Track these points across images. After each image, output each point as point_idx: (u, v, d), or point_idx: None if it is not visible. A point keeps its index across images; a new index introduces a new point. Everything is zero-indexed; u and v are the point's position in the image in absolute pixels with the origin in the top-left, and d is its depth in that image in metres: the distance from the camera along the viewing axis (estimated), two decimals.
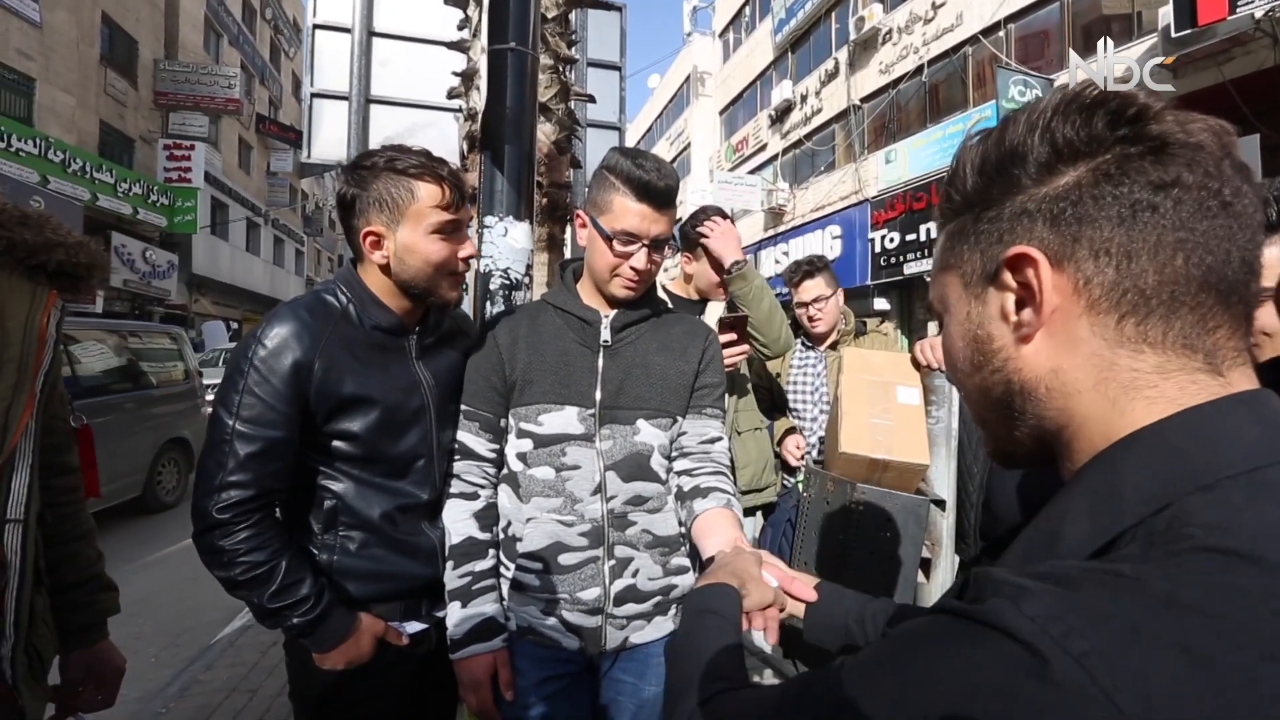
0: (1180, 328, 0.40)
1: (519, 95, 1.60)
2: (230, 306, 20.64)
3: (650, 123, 27.78)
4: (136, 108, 15.90)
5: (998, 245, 0.44)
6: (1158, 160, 0.39)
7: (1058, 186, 0.42)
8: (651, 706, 1.19)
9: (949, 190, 0.50)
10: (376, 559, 1.12)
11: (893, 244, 12.45)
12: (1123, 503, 0.37)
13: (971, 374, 0.49)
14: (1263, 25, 7.39)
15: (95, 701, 1.10)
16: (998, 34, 11.12)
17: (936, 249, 0.52)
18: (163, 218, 15.37)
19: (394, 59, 3.44)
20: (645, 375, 1.17)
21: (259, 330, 1.06)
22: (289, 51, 26.40)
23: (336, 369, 1.07)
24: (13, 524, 0.87)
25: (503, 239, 1.59)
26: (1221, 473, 0.35)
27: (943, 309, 0.51)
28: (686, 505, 1.17)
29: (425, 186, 1.09)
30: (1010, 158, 0.44)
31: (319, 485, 1.11)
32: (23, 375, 0.89)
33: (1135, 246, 0.39)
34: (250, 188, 21.75)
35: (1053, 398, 0.44)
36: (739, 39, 20.04)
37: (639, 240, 1.11)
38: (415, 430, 1.15)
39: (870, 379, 1.67)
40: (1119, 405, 0.41)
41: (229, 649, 3.04)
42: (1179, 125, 0.40)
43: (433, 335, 1.23)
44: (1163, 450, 0.38)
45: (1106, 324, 0.41)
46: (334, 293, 1.15)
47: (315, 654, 1.07)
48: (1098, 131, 0.41)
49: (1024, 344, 0.44)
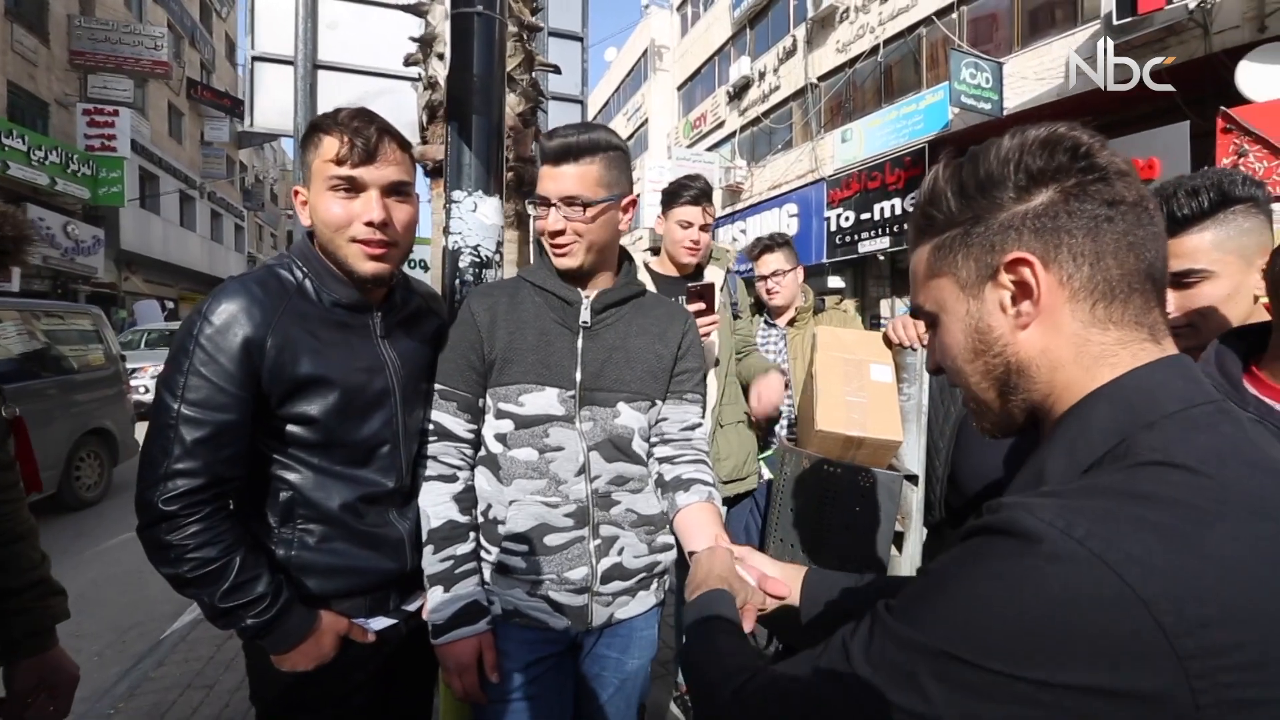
0: (1133, 309, 0.53)
1: (487, 62, 1.52)
2: (165, 285, 19.49)
3: (607, 97, 27.29)
4: (49, 68, 14.64)
5: (992, 253, 0.55)
6: (1107, 184, 0.52)
7: (1036, 205, 0.54)
8: (634, 680, 1.20)
9: (928, 210, 0.60)
10: (338, 553, 1.05)
11: (848, 223, 12.68)
12: (1090, 442, 0.51)
13: (973, 360, 0.59)
14: (1195, 16, 7.74)
15: (48, 712, 1.02)
16: (950, 16, 11.32)
17: (921, 261, 0.62)
18: (85, 189, 14.31)
19: (343, 21, 3.24)
20: (625, 358, 1.15)
21: (204, 306, 0.98)
22: (221, 11, 24.70)
23: (291, 347, 0.99)
24: None
25: (472, 214, 1.52)
26: (1159, 414, 0.49)
27: (938, 309, 0.61)
28: (668, 497, 1.17)
29: (327, 139, 1.01)
30: (990, 183, 0.55)
31: (274, 475, 1.03)
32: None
33: (1102, 249, 0.52)
34: (183, 158, 20.43)
35: (1042, 372, 0.55)
36: (697, 13, 19.79)
37: (547, 201, 1.12)
38: (379, 414, 1.08)
39: (844, 357, 1.69)
40: (1090, 372, 0.53)
41: (181, 644, 2.92)
42: (1113, 157, 0.53)
43: (399, 314, 1.15)
44: (1118, 401, 0.51)
45: (1083, 310, 0.53)
46: (288, 267, 1.07)
47: (273, 656, 1.01)
48: (1061, 162, 0.53)
49: (1021, 330, 0.55)
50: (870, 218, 12.13)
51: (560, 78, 3.57)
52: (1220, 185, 0.98)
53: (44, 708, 1.02)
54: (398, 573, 1.12)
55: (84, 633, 3.12)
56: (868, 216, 12.20)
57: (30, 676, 1.00)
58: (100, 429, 5.39)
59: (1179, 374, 0.51)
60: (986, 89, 9.72)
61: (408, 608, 1.17)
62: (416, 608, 1.17)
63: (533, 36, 2.51)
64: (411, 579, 1.14)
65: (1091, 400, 0.52)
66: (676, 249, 2.04)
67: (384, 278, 1.08)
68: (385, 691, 1.17)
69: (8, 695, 0.99)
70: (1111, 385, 0.51)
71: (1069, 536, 0.42)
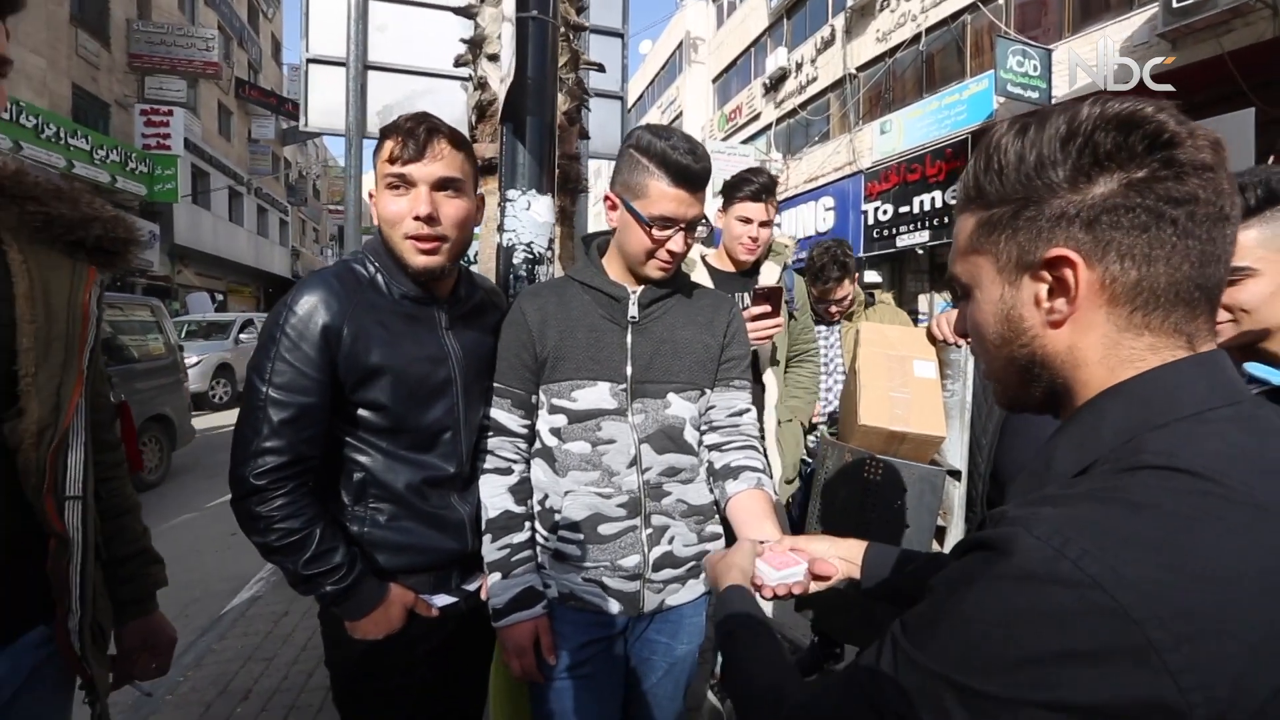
0: (1176, 318, 0.50)
1: (540, 65, 1.57)
2: (214, 278, 20.29)
3: (642, 90, 27.25)
4: (110, 70, 15.33)
5: (1038, 242, 0.52)
6: (1180, 180, 0.48)
7: (1095, 195, 0.49)
8: (682, 664, 1.25)
9: (980, 179, 0.56)
10: (406, 531, 1.13)
11: (886, 216, 12.44)
12: (1100, 438, 0.50)
13: (1001, 346, 0.57)
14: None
15: (151, 670, 1.12)
16: (997, 1, 10.97)
17: (965, 230, 0.58)
18: (142, 186, 14.97)
19: (392, 23, 3.34)
20: (673, 350, 1.19)
21: (290, 297, 1.07)
22: (268, 13, 25.47)
23: (364, 336, 1.07)
24: (72, 500, 0.88)
25: (525, 213, 1.58)
26: (1174, 415, 0.48)
27: (972, 284, 0.59)
28: (719, 485, 1.20)
29: (387, 142, 1.08)
30: (1050, 161, 0.51)
31: (348, 457, 1.12)
32: (70, 353, 0.89)
33: (1155, 253, 0.49)
34: (231, 155, 21.18)
35: (1066, 368, 0.54)
36: (733, 4, 19.59)
37: (676, 224, 1.11)
38: (441, 402, 1.15)
39: (888, 353, 1.69)
40: (1115, 372, 0.52)
41: (240, 619, 3.08)
42: (1196, 148, 0.48)
43: (463, 307, 1.21)
44: (1134, 399, 0.50)
45: (1120, 314, 0.51)
46: (362, 262, 1.14)
47: (347, 622, 1.09)
48: (1135, 148, 0.48)
49: (1051, 330, 0.53)
50: (909, 211, 11.89)
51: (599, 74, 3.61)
52: (1269, 183, 0.98)
53: (147, 664, 1.12)
54: (460, 553, 1.18)
55: None
56: (906, 210, 11.95)
57: (135, 637, 1.10)
58: (160, 415, 5.67)
59: (1205, 374, 0.49)
60: (1034, 77, 9.41)
61: (468, 587, 1.22)
62: (476, 588, 1.23)
63: (578, 35, 2.55)
64: (472, 560, 1.20)
65: (1109, 395, 0.51)
66: (734, 245, 1.97)
67: (434, 271, 1.11)
68: (445, 666, 1.24)
69: (118, 653, 1.09)
70: (1131, 382, 0.50)
71: (1063, 557, 0.42)
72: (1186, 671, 0.39)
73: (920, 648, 0.49)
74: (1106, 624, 0.40)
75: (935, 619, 0.49)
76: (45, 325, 0.86)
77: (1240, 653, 0.39)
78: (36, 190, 0.89)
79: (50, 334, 0.86)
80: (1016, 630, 0.43)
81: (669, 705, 1.26)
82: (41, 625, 0.90)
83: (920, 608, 0.52)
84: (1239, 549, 0.41)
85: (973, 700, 0.45)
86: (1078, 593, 0.41)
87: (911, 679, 0.49)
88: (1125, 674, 0.40)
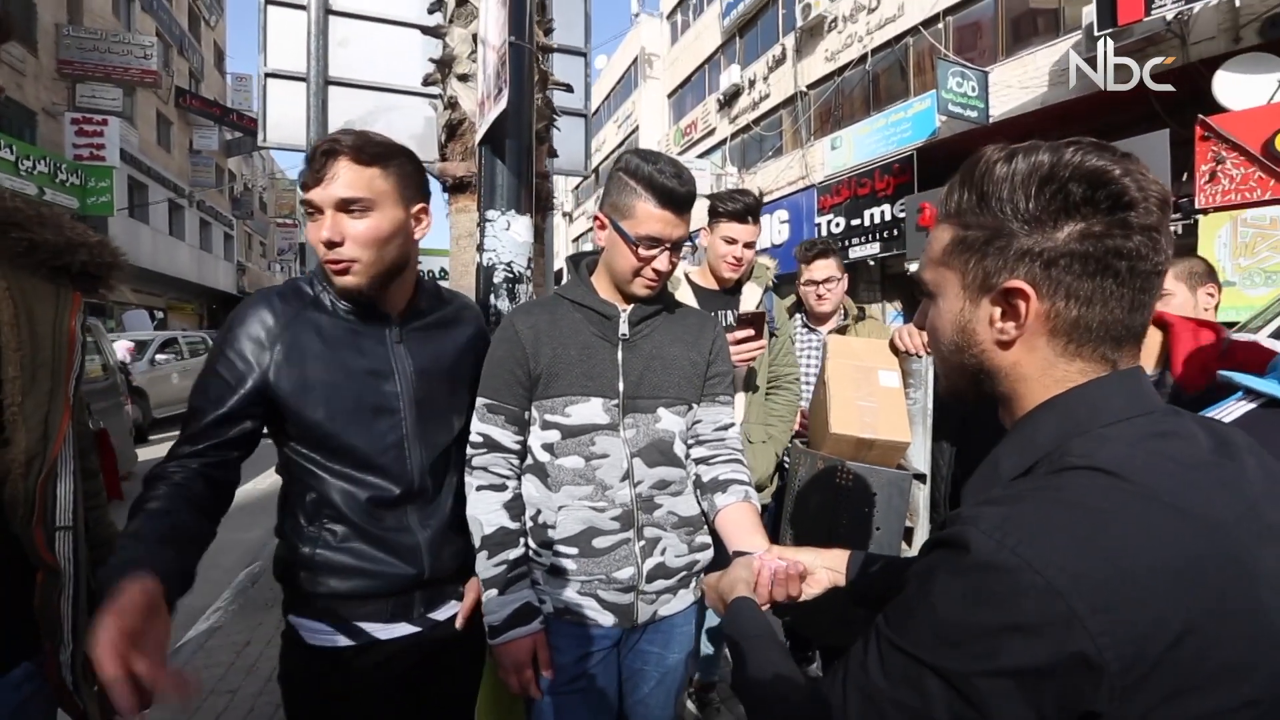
0: (1103, 350, 0.60)
1: (518, 89, 1.61)
2: (153, 294, 19.35)
3: (598, 104, 27.46)
4: (37, 77, 14.56)
5: (1001, 272, 0.60)
6: (1127, 236, 0.56)
7: (1057, 239, 0.57)
8: (674, 673, 1.28)
9: (962, 200, 0.63)
10: (355, 553, 1.10)
11: (839, 229, 12.85)
12: (1036, 445, 0.60)
13: (954, 352, 0.67)
14: (1173, 27, 7.99)
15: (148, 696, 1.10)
16: (937, 25, 11.55)
17: (940, 240, 0.66)
18: (74, 199, 14.19)
19: (354, 38, 3.31)
20: (663, 366, 1.23)
21: (232, 315, 1.09)
22: (210, 20, 24.62)
23: (297, 352, 1.06)
24: (62, 531, 0.86)
25: (505, 233, 1.61)
26: (1095, 425, 0.58)
27: (937, 291, 0.67)
28: (707, 498, 1.25)
29: None
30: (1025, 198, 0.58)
31: (300, 477, 1.11)
32: (56, 381, 0.88)
33: (1095, 297, 0.57)
34: (172, 167, 20.31)
35: (1008, 380, 0.64)
36: (687, 21, 20.00)
37: (662, 244, 1.16)
38: (385, 420, 1.11)
39: (854, 364, 1.79)
40: (1049, 389, 0.61)
41: (199, 651, 2.96)
42: (1148, 211, 0.56)
43: (420, 321, 1.19)
44: (1063, 412, 0.60)
45: (1058, 343, 0.60)
46: (310, 281, 1.15)
47: None
48: (1098, 204, 0.56)
49: (1000, 349, 0.63)
50: (860, 224, 12.31)
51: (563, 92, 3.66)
52: None
53: None
54: (415, 578, 1.13)
55: None
56: (858, 223, 12.38)
57: None
58: None
59: (1124, 389, 0.59)
60: (973, 97, 9.94)
61: (435, 616, 1.18)
62: (449, 617, 1.20)
63: (545, 56, 2.60)
64: (438, 587, 1.17)
65: (1044, 408, 0.61)
66: (719, 263, 1.98)
67: (353, 292, 1.09)
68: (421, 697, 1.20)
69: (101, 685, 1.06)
70: (1062, 396, 0.60)
71: (1004, 546, 0.50)
72: (1103, 634, 0.47)
73: (900, 635, 0.56)
74: (1039, 599, 0.49)
75: (910, 609, 0.57)
76: (31, 352, 0.85)
77: (1143, 618, 0.48)
78: (17, 216, 0.88)
79: (36, 361, 0.85)
80: (970, 610, 0.51)
81: (661, 714, 1.29)
82: (25, 662, 0.88)
83: (897, 600, 0.59)
84: (1142, 535, 0.50)
85: (945, 677, 0.52)
86: (1015, 575, 0.50)
87: (896, 663, 0.56)
88: (1055, 639, 0.48)
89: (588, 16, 4.03)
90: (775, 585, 0.92)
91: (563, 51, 3.79)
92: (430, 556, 1.14)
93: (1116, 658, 0.47)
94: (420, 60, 2.89)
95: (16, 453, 0.82)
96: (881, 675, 0.57)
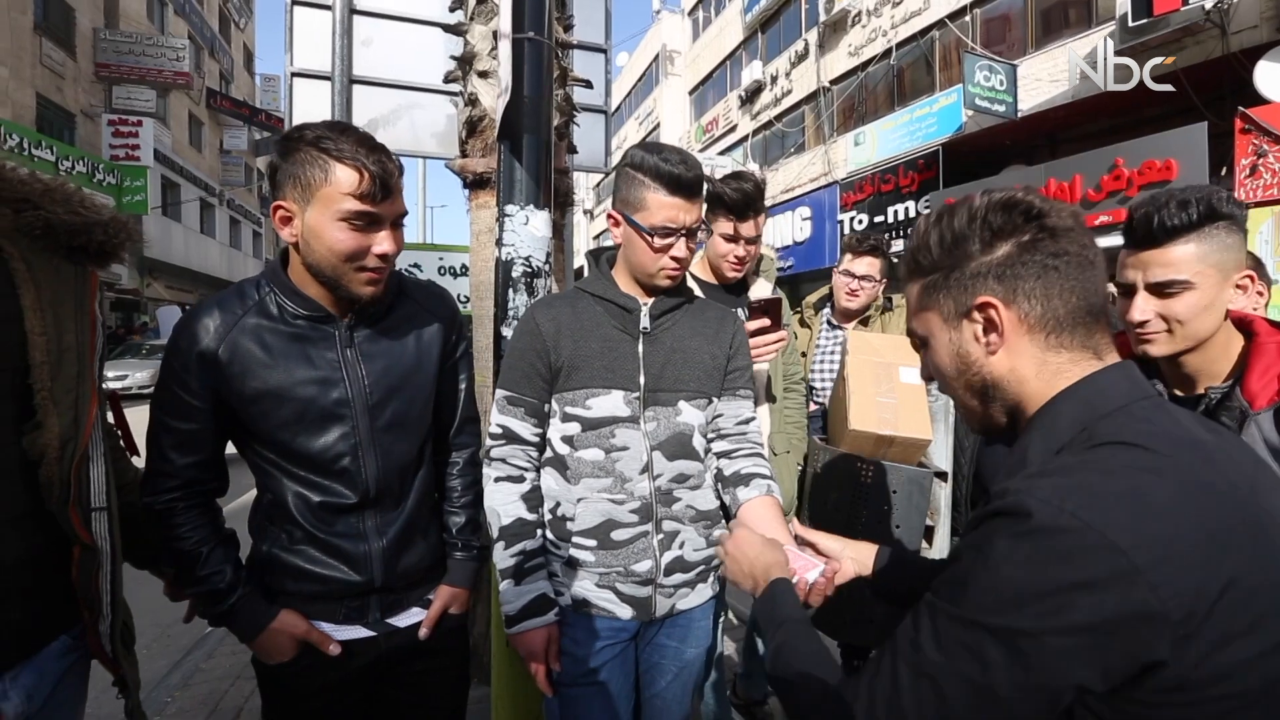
0: (1079, 336, 0.68)
1: (536, 84, 1.61)
2: (185, 291, 19.86)
3: (619, 101, 27.47)
4: (76, 80, 15.03)
5: (966, 294, 0.71)
6: (1054, 239, 0.67)
7: (998, 256, 0.69)
8: (691, 667, 1.28)
9: (916, 255, 0.76)
10: (304, 556, 1.10)
11: (861, 225, 12.69)
12: (1059, 430, 0.67)
13: (958, 377, 0.75)
14: (1211, 16, 7.73)
15: None
16: (964, 19, 11.33)
17: (913, 295, 0.78)
18: (110, 198, 14.62)
19: (377, 38, 3.36)
20: (684, 359, 1.23)
21: (178, 324, 1.07)
22: (239, 22, 25.17)
23: (240, 360, 1.04)
24: (98, 511, 0.89)
25: (524, 227, 1.61)
26: (1111, 407, 0.65)
27: (928, 334, 0.76)
28: (730, 491, 1.24)
29: (342, 169, 0.99)
30: (962, 236, 0.71)
31: (261, 479, 1.11)
32: (83, 364, 0.88)
33: (1050, 291, 0.68)
34: (203, 166, 20.83)
35: (1012, 386, 0.71)
36: (709, 17, 19.90)
37: (676, 232, 1.16)
38: (335, 426, 1.08)
39: (874, 360, 1.76)
40: (1050, 384, 0.69)
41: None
42: (1059, 217, 0.68)
43: (373, 322, 1.13)
44: (1077, 400, 0.67)
45: (1039, 338, 0.69)
46: (256, 284, 1.11)
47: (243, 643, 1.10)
48: (1017, 222, 0.69)
49: (991, 355, 0.71)
50: (884, 220, 12.15)
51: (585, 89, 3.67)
52: (1209, 200, 1.01)
53: None
54: (365, 585, 1.11)
55: None
56: (881, 219, 12.21)
57: None
58: None
59: (1124, 378, 0.68)
60: (1000, 91, 9.73)
61: (395, 622, 1.16)
62: (411, 624, 1.18)
63: (565, 53, 2.61)
64: (394, 593, 1.16)
65: (1059, 399, 0.68)
66: (720, 263, 1.76)
67: (372, 300, 1.09)
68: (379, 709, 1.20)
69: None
70: (1072, 388, 0.68)
71: (1064, 511, 0.56)
72: (1163, 585, 0.53)
73: (956, 604, 0.60)
74: (1102, 557, 0.54)
75: (965, 578, 0.60)
76: (56, 337, 0.85)
77: (1194, 571, 0.54)
78: (24, 190, 0.86)
79: (61, 345, 0.85)
80: (1035, 570, 0.56)
81: (677, 709, 1.29)
82: (64, 634, 0.91)
83: (946, 575, 0.63)
84: (1183, 501, 0.57)
85: (1007, 638, 0.56)
86: (1079, 536, 0.55)
87: (951, 633, 0.60)
88: (1120, 592, 0.53)
89: (608, 13, 4.02)
90: (813, 594, 0.93)
91: (583, 48, 3.79)
92: (383, 564, 1.12)
93: (1177, 607, 0.53)
94: (442, 58, 2.91)
95: (50, 436, 0.83)
96: (936, 649, 0.60)
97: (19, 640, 0.86)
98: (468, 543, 1.26)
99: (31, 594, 0.86)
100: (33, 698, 0.86)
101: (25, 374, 0.83)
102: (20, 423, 0.83)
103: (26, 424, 0.83)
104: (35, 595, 0.86)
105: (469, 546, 1.26)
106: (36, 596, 0.86)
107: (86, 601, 0.90)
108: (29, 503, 0.84)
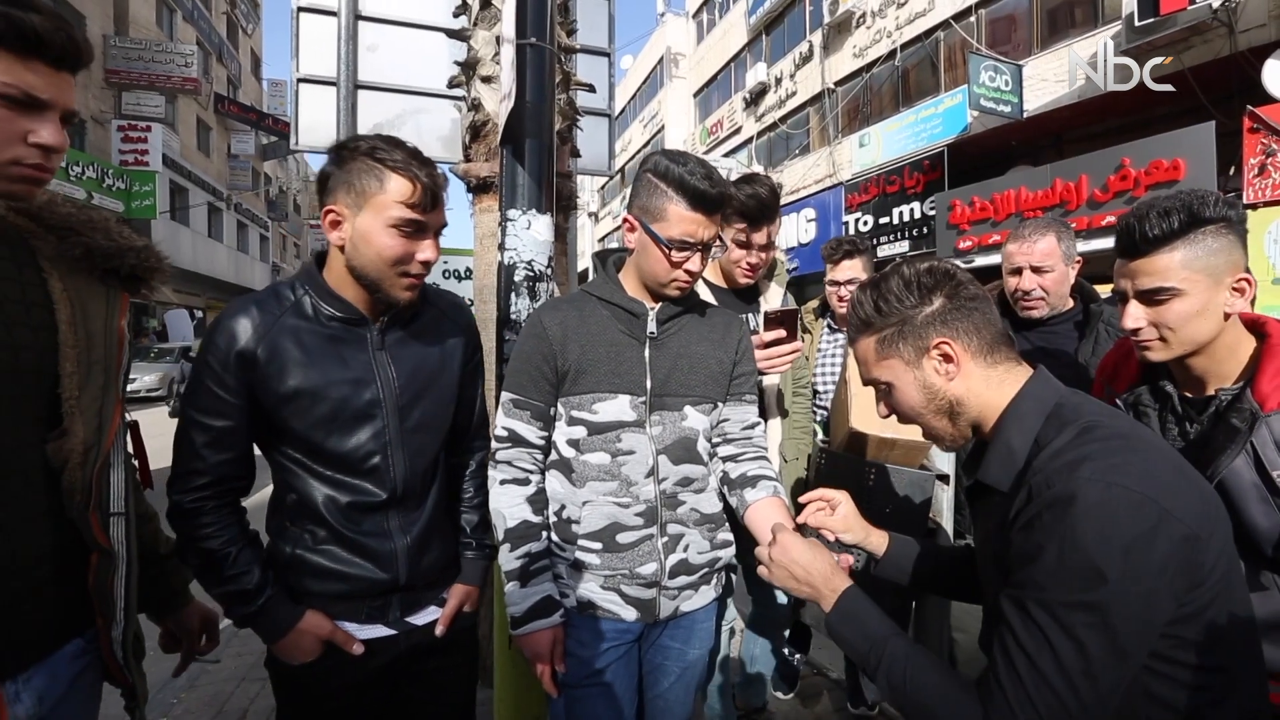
0: (1001, 353, 0.92)
1: (539, 90, 1.63)
2: (193, 294, 20.03)
3: (623, 104, 27.51)
4: (86, 86, 15.16)
5: (922, 339, 0.92)
6: (965, 289, 0.92)
7: (935, 307, 0.92)
8: (694, 668, 1.29)
9: (868, 317, 0.96)
10: (330, 556, 1.11)
11: (866, 227, 12.66)
12: (1029, 424, 0.87)
13: (927, 405, 0.94)
14: (1219, 15, 7.68)
15: (207, 646, 1.21)
16: (969, 19, 11.30)
17: (868, 350, 0.97)
18: (119, 202, 14.77)
19: (382, 43, 3.39)
20: (690, 364, 1.23)
21: (213, 323, 1.10)
22: (247, 28, 25.37)
23: (279, 359, 1.06)
24: (116, 516, 0.92)
25: (526, 232, 1.63)
26: (1054, 402, 0.87)
27: (892, 379, 0.95)
28: (736, 493, 1.25)
29: (396, 180, 1.06)
30: (901, 297, 0.93)
31: (284, 479, 1.12)
32: (109, 376, 0.93)
33: (978, 325, 0.91)
34: (211, 171, 21.00)
35: (972, 400, 0.92)
36: (713, 20, 19.93)
37: (693, 246, 1.16)
38: (367, 426, 1.11)
39: None
40: (1000, 391, 0.91)
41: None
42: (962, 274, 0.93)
43: (403, 326, 1.18)
44: (1029, 401, 0.88)
45: (980, 361, 0.92)
46: (291, 285, 1.14)
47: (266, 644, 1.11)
48: (941, 282, 0.92)
49: (950, 382, 0.92)
50: (889, 222, 12.11)
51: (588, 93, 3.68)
52: (1190, 207, 1.00)
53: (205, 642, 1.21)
54: (390, 583, 1.14)
55: None
56: (886, 220, 12.18)
57: (194, 618, 1.18)
58: None
59: (1049, 380, 0.91)
60: (1006, 91, 9.69)
61: (414, 620, 1.19)
62: (428, 622, 1.20)
63: (569, 57, 2.62)
64: (415, 592, 1.18)
65: (1017, 400, 0.89)
66: (732, 269, 1.74)
67: (406, 303, 1.13)
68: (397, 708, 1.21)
69: (181, 635, 1.18)
70: (1022, 391, 0.89)
71: (1115, 484, 0.73)
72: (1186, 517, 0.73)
73: (1044, 590, 0.74)
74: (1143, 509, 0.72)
75: (1044, 568, 0.74)
76: (86, 350, 0.90)
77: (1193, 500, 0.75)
78: (71, 221, 0.93)
79: (90, 358, 0.90)
80: (1104, 541, 0.71)
81: (680, 709, 1.30)
82: (77, 638, 0.93)
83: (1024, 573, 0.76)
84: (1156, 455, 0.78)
85: (1098, 609, 0.71)
86: (1125, 498, 0.72)
87: (1044, 618, 0.73)
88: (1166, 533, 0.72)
89: (611, 17, 4.04)
90: None
91: (586, 52, 3.80)
92: (408, 563, 1.15)
93: (1202, 529, 0.74)
94: (446, 63, 2.93)
95: (75, 443, 0.87)
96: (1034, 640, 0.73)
97: (32, 641, 0.87)
98: (480, 541, 1.29)
99: (46, 595, 0.87)
100: (43, 700, 0.88)
101: (55, 382, 0.87)
102: (46, 427, 0.87)
103: (51, 432, 0.86)
104: (50, 597, 0.88)
105: (482, 545, 1.29)
106: (51, 598, 0.88)
107: (101, 606, 0.92)
108: (47, 504, 0.87)
